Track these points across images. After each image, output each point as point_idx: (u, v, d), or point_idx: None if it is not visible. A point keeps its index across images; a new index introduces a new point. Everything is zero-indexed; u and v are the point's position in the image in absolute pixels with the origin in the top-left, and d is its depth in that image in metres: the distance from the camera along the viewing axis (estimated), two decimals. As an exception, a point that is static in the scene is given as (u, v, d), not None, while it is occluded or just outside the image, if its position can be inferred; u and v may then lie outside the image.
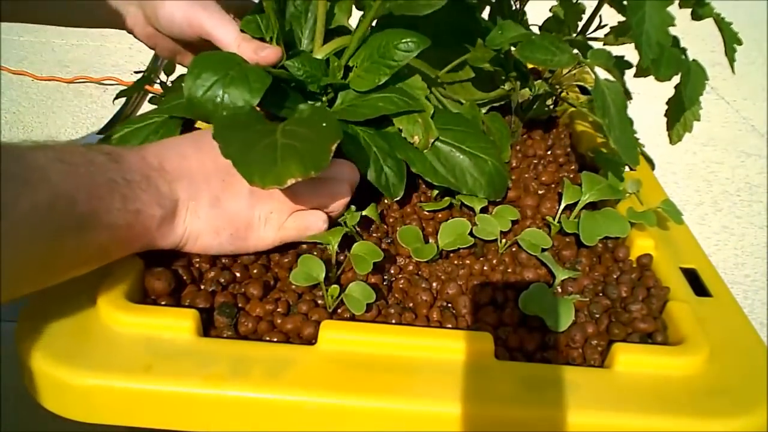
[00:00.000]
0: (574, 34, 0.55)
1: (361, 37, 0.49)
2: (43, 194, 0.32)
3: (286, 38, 0.51)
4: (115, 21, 0.56)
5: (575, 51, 0.48)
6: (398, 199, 0.49)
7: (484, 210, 0.51)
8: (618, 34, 0.51)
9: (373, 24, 0.50)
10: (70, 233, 0.34)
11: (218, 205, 0.42)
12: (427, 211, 0.51)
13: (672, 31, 0.46)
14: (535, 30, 0.56)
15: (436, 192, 0.53)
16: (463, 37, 0.55)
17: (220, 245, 0.43)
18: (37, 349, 0.36)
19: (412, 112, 0.50)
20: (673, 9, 0.46)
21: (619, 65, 0.48)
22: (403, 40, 0.47)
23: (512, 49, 0.48)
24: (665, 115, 0.54)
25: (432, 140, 0.50)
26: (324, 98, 0.50)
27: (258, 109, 0.44)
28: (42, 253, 0.33)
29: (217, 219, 0.42)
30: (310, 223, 0.44)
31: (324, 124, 0.41)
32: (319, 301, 0.42)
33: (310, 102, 0.49)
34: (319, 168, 0.38)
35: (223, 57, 0.45)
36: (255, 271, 0.44)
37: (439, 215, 0.51)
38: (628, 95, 0.46)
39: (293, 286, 0.42)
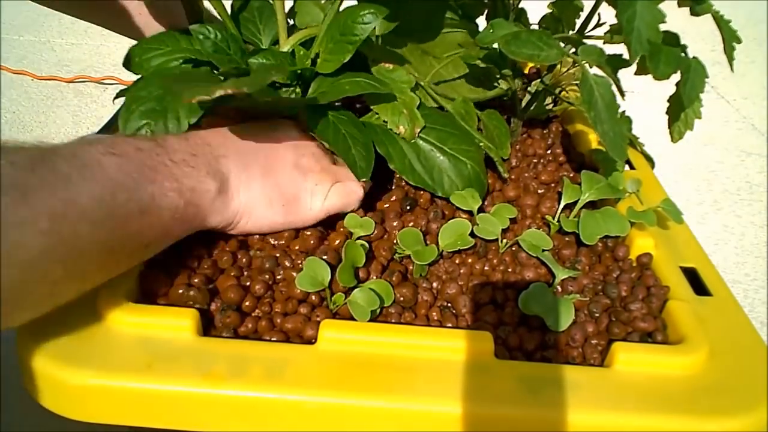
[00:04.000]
0: (572, 32, 0.55)
1: (328, 26, 0.48)
2: (101, 187, 0.34)
3: (246, 41, 0.51)
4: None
5: (571, 49, 0.47)
6: (365, 179, 0.47)
7: (480, 209, 0.51)
8: (615, 32, 0.51)
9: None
10: (132, 219, 0.35)
11: (268, 175, 0.43)
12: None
13: (672, 29, 0.46)
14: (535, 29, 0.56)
15: None
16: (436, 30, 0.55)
17: (273, 218, 0.43)
18: (36, 348, 0.36)
19: (379, 95, 0.49)
20: (673, 8, 0.46)
21: (617, 63, 0.48)
22: (362, 13, 0.46)
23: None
24: (666, 112, 0.54)
25: (418, 130, 0.49)
26: (297, 89, 0.49)
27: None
28: (108, 240, 0.34)
29: (269, 189, 0.43)
30: (351, 190, 0.47)
31: (273, 72, 0.42)
32: (321, 301, 0.42)
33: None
34: (254, 87, 0.38)
35: (158, 84, 0.45)
36: (256, 270, 0.44)
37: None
38: (621, 92, 0.46)
39: (297, 290, 0.42)
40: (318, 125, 0.46)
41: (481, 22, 0.59)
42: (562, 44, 0.48)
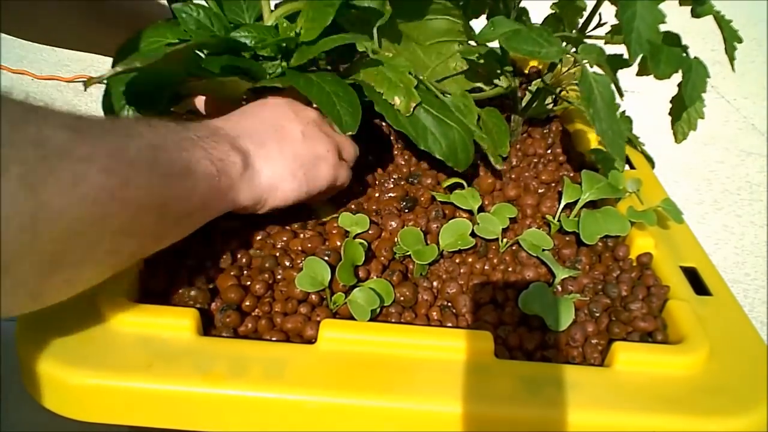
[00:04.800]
0: (573, 32, 0.55)
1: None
2: (144, 145, 0.34)
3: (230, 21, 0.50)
4: None
5: (572, 48, 0.47)
6: (352, 134, 0.46)
7: (481, 209, 0.51)
8: (616, 32, 0.51)
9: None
10: (174, 180, 0.36)
11: (284, 149, 0.44)
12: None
13: (672, 29, 0.46)
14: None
15: (448, 182, 0.53)
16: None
17: (298, 189, 0.44)
18: (37, 348, 0.36)
19: (366, 62, 0.49)
20: (674, 7, 0.46)
21: (617, 63, 0.48)
22: None
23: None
24: (669, 113, 0.54)
25: (414, 105, 0.49)
26: (282, 62, 0.49)
27: None
28: (157, 196, 0.35)
29: (290, 161, 0.44)
30: (349, 151, 0.49)
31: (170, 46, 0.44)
32: (321, 301, 0.42)
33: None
34: (145, 61, 0.40)
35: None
36: (256, 270, 0.44)
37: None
38: (619, 91, 0.46)
39: (297, 289, 0.42)
40: (301, 83, 0.46)
41: (483, 21, 0.59)
42: (563, 43, 0.48)
